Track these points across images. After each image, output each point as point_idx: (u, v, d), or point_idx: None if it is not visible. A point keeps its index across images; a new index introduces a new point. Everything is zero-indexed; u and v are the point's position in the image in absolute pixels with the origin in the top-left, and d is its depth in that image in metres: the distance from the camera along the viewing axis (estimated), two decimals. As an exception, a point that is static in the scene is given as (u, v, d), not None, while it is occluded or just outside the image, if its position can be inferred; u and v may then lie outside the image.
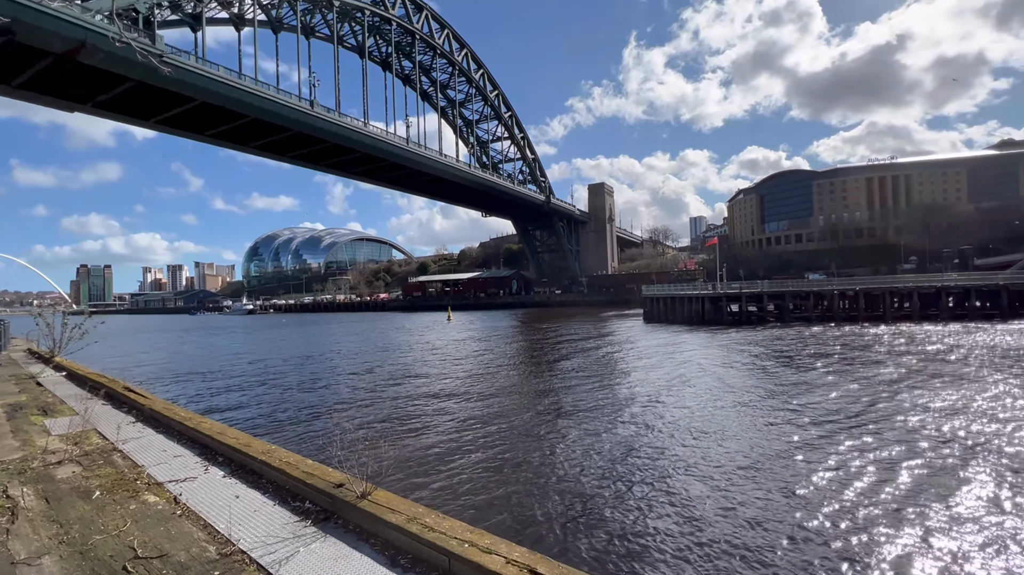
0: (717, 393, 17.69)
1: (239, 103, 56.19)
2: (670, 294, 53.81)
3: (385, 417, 15.39)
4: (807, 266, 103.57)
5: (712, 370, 22.29)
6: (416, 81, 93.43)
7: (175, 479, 5.19)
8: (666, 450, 11.45)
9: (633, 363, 25.64)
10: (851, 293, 46.09)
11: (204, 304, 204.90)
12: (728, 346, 30.59)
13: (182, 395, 20.26)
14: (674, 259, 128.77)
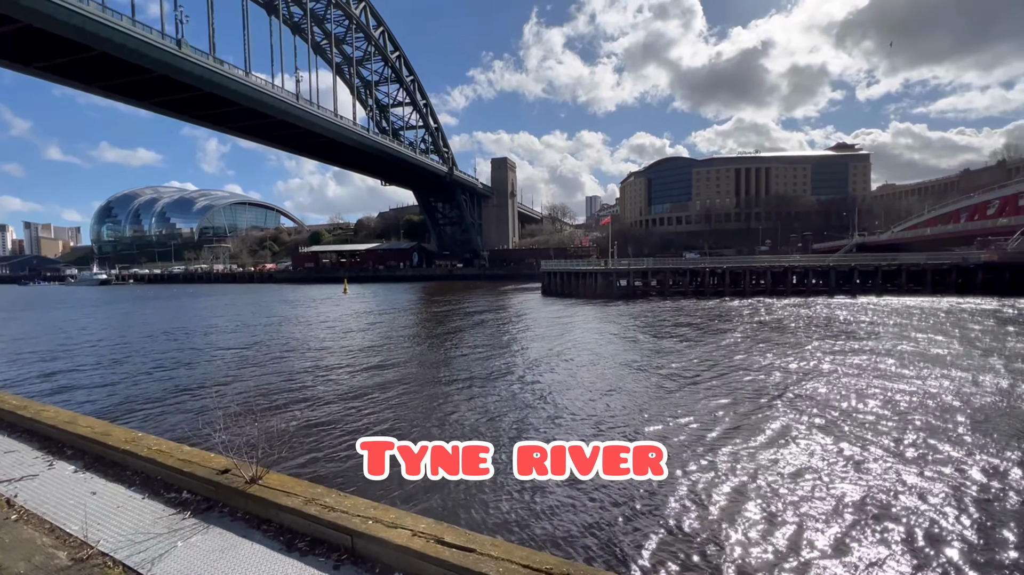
0: (595, 354, 19.13)
1: (79, 31, 46.64)
2: (567, 269, 56.39)
3: (274, 394, 14.39)
4: (686, 246, 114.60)
5: (596, 336, 23.97)
6: (307, 31, 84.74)
7: (7, 479, 4.41)
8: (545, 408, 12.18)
9: (527, 333, 26.68)
10: (719, 271, 51.94)
11: (40, 273, 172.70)
12: (615, 317, 33.03)
13: (15, 384, 17.06)
14: (571, 236, 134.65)
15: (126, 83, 58.17)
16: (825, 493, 7.59)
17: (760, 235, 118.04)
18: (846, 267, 50.85)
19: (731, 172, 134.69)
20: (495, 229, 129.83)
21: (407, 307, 47.11)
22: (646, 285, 51.71)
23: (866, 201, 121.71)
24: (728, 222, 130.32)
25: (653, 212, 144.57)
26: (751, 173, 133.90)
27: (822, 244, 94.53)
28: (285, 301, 56.09)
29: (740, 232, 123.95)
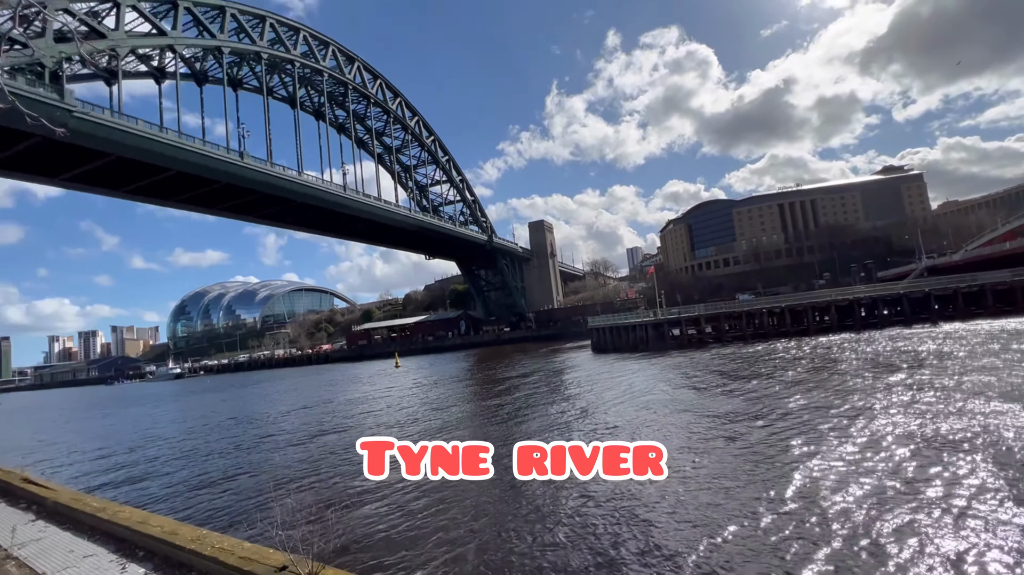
0: (654, 407, 18.11)
1: (161, 156, 53.62)
2: (615, 324, 55.32)
3: (330, 483, 14.42)
4: (737, 288, 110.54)
5: (654, 391, 22.86)
6: (351, 129, 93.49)
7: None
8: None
9: (581, 393, 25.85)
10: (777, 310, 49.40)
11: (123, 372, 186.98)
12: (671, 369, 31.61)
13: (95, 481, 18.07)
14: (616, 289, 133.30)
15: (198, 195, 65.28)
16: None
17: (816, 269, 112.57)
18: (920, 293, 47.14)
19: (774, 208, 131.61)
20: (538, 290, 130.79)
21: (458, 376, 47.20)
22: (700, 333, 49.74)
23: (928, 221, 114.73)
24: (778, 259, 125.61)
25: (697, 257, 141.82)
26: (796, 207, 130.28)
27: (887, 272, 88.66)
28: (340, 380, 57.63)
29: (792, 268, 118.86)
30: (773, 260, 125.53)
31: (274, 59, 74.32)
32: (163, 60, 64.08)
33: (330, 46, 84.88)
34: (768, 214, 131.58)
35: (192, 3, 60.86)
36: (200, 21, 62.50)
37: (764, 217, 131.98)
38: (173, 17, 59.09)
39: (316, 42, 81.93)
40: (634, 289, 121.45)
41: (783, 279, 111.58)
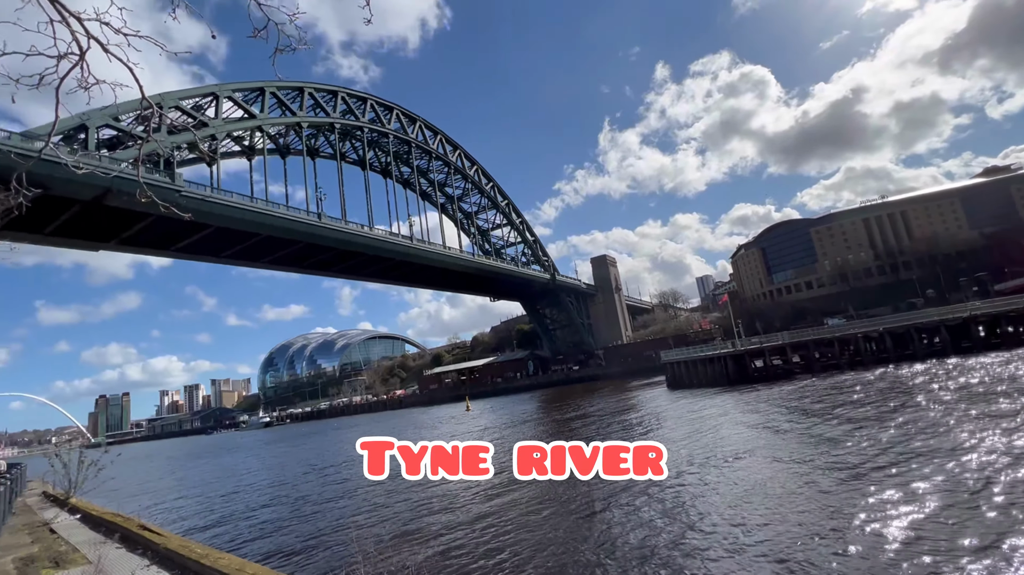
0: (753, 455, 16.54)
1: (252, 224, 59.58)
2: (690, 357, 52.51)
3: (405, 526, 14.41)
4: (823, 312, 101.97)
5: (744, 430, 21.05)
6: (415, 183, 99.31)
7: (191, 631, 4.75)
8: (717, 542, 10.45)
9: (662, 434, 24.36)
10: (875, 334, 44.75)
11: (221, 422, 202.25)
12: (759, 404, 29.20)
13: (198, 525, 19.28)
14: (688, 321, 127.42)
15: (282, 255, 71.30)
16: None
17: (917, 286, 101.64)
18: (1052, 306, 40.89)
19: (858, 224, 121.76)
20: (606, 326, 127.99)
21: (529, 418, 46.47)
22: (787, 363, 45.99)
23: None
24: (869, 278, 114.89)
25: (775, 281, 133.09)
26: (884, 220, 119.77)
27: (1006, 284, 78.25)
28: (413, 425, 58.62)
29: (887, 287, 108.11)
30: (863, 280, 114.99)
31: (346, 127, 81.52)
32: (253, 139, 72.25)
33: (394, 110, 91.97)
34: (852, 231, 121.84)
35: (276, 87, 68.76)
36: (282, 102, 70.26)
37: (848, 234, 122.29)
38: (260, 101, 66.99)
39: (381, 108, 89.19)
40: (708, 319, 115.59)
41: (877, 299, 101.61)
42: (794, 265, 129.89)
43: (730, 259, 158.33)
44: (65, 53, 3.21)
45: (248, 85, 66.42)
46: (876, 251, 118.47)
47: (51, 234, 49.57)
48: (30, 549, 9.26)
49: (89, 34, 2.98)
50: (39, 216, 45.19)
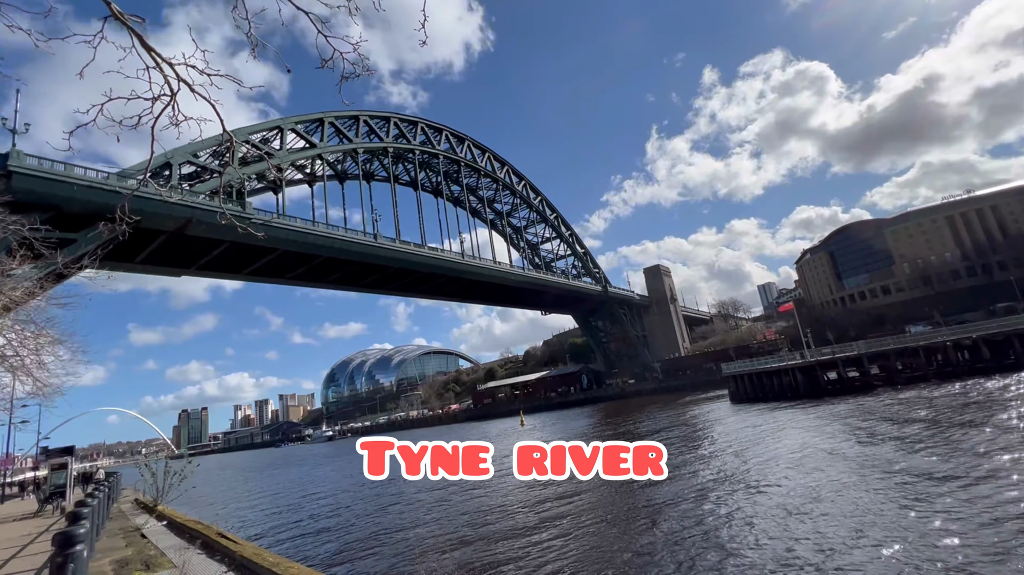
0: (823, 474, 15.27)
1: (314, 246, 63.00)
2: (754, 369, 49.79)
3: (464, 539, 14.38)
4: (904, 318, 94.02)
5: (821, 451, 19.52)
6: (465, 201, 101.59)
7: (267, 638, 4.92)
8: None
9: (730, 455, 23.08)
10: (968, 342, 40.62)
11: (288, 435, 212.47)
12: (836, 421, 27.09)
13: (269, 532, 20.19)
14: (750, 331, 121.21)
15: (341, 275, 74.71)
16: None
17: (1016, 288, 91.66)
18: None
19: (940, 222, 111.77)
20: (662, 338, 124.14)
21: (584, 433, 45.58)
22: (864, 375, 42.59)
23: None
24: (956, 280, 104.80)
25: (847, 287, 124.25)
26: (971, 217, 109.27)
27: None
28: (472, 439, 58.96)
29: (977, 289, 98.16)
30: (949, 282, 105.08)
31: (398, 151, 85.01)
32: (314, 167, 76.78)
33: (443, 131, 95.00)
34: (934, 230, 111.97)
35: (334, 117, 72.96)
36: (340, 130, 74.35)
37: (929, 234, 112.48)
38: (320, 131, 71.26)
39: (431, 130, 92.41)
40: (773, 329, 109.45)
41: (966, 304, 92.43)
42: (868, 269, 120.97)
43: (794, 265, 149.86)
44: (159, 95, 3.54)
45: (309, 117, 70.87)
46: (963, 250, 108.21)
47: (141, 262, 54.57)
48: (124, 552, 10.03)
49: (179, 77, 3.26)
50: (131, 246, 49.92)
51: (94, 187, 40.94)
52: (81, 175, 41.32)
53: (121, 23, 3.08)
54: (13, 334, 12.57)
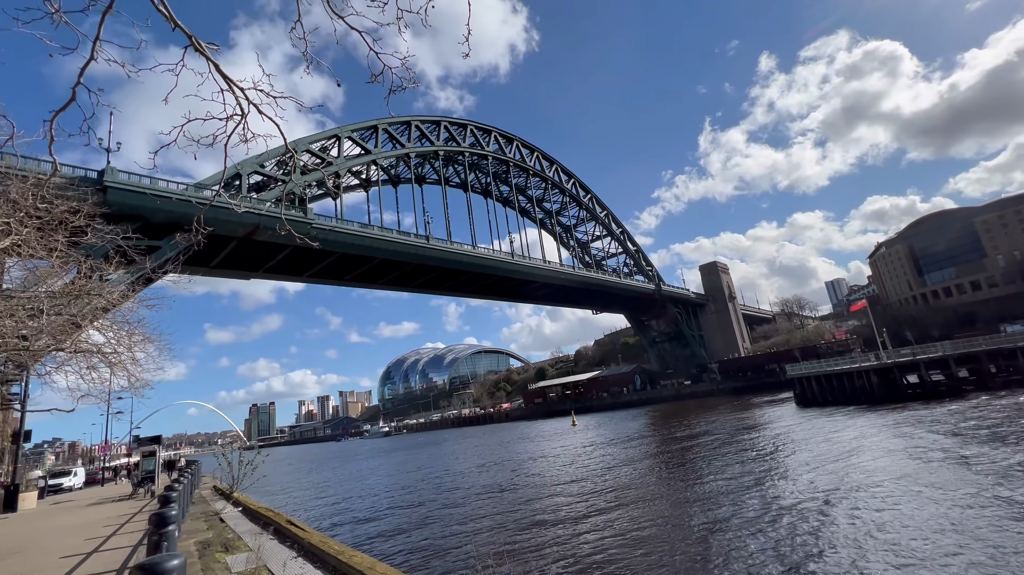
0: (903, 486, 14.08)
1: (369, 249, 65.52)
2: (824, 371, 46.84)
3: (528, 542, 14.47)
4: (998, 317, 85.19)
5: (903, 461, 18.07)
6: (514, 201, 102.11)
7: (332, 622, 5.20)
8: None
9: (794, 459, 21.85)
10: (1077, 343, 36.25)
11: (347, 430, 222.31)
12: (916, 427, 24.98)
13: (332, 521, 21.22)
14: (817, 330, 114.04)
15: (395, 277, 77.19)
16: None
17: None
18: None
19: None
20: (720, 338, 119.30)
21: (637, 435, 44.61)
22: (951, 378, 39.02)
23: None
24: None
25: (929, 283, 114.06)
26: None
27: None
28: (521, 439, 59.26)
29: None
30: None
31: (448, 154, 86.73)
32: (369, 172, 79.79)
33: (491, 132, 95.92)
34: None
35: (387, 124, 75.52)
36: (393, 136, 76.85)
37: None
38: (374, 138, 73.98)
39: (480, 132, 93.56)
40: (843, 329, 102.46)
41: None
42: (954, 263, 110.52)
43: (867, 259, 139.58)
44: (231, 115, 3.85)
45: (363, 125, 73.75)
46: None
47: (215, 267, 58.89)
48: (206, 534, 10.90)
49: (249, 100, 3.54)
50: (206, 252, 53.95)
51: (175, 199, 44.63)
52: (164, 188, 45.17)
53: (200, 52, 3.38)
54: (111, 332, 13.96)
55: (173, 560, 2.84)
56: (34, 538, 13.54)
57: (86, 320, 13.23)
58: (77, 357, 13.10)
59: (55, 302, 12.20)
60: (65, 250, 13.34)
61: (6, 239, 12.02)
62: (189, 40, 3.29)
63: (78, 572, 8.60)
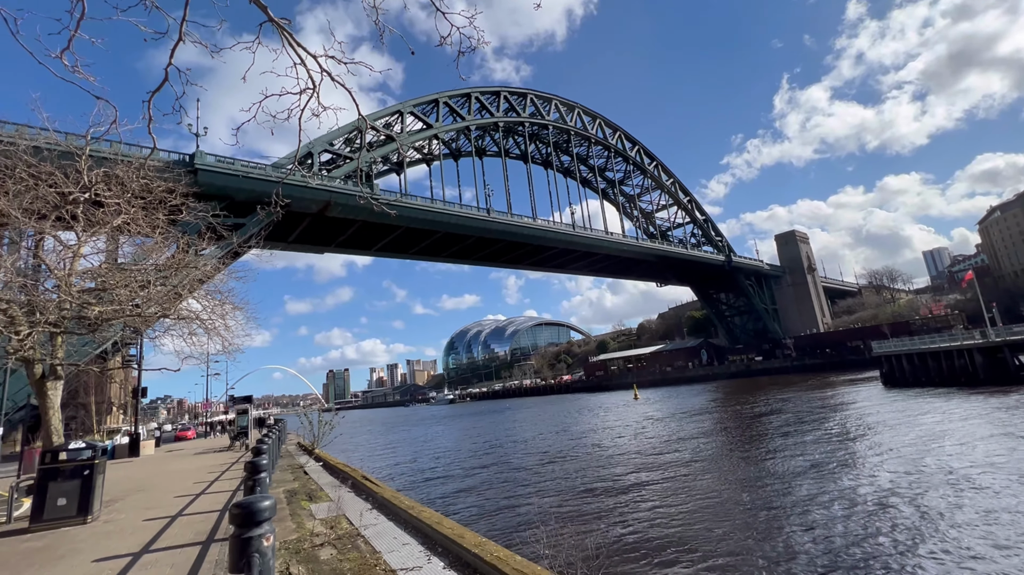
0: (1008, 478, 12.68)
1: (433, 223, 67.07)
2: (916, 349, 42.90)
3: (588, 509, 14.70)
4: None
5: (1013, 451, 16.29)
6: (575, 171, 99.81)
7: (405, 567, 5.58)
8: None
9: (881, 443, 20.37)
10: None
11: (415, 397, 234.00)
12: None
13: (402, 478, 22.63)
14: (911, 305, 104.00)
15: (457, 250, 78.69)
16: None
17: None
18: None
19: None
20: (796, 312, 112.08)
21: (703, 410, 43.40)
22: (1075, 359, 34.37)
23: None
24: None
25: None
26: None
27: None
28: (584, 409, 59.57)
29: None
30: None
31: (508, 124, 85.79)
32: (430, 147, 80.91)
33: (552, 100, 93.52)
34: None
35: (448, 97, 75.74)
36: (453, 109, 77.05)
37: None
38: (435, 112, 74.55)
39: (540, 100, 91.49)
40: (943, 303, 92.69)
41: None
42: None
43: (976, 226, 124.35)
44: (304, 89, 3.99)
45: (424, 99, 74.42)
46: None
47: (292, 242, 62.88)
48: (292, 485, 12.00)
49: (323, 68, 3.64)
50: (284, 228, 57.64)
51: (256, 177, 47.77)
52: (245, 168, 48.42)
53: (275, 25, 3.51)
54: (206, 301, 15.42)
55: (265, 501, 3.16)
56: (154, 479, 15.57)
57: (186, 290, 14.67)
58: (180, 323, 14.62)
59: (160, 274, 13.60)
60: (166, 227, 14.75)
61: (119, 218, 13.46)
62: (264, 13, 3.42)
63: (190, 508, 9.81)
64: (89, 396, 44.44)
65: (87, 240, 13.23)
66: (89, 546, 7.43)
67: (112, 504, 11.06)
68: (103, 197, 13.11)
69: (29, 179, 12.52)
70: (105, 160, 15.93)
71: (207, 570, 5.80)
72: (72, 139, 18.29)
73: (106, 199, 13.10)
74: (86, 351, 28.30)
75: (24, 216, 11.98)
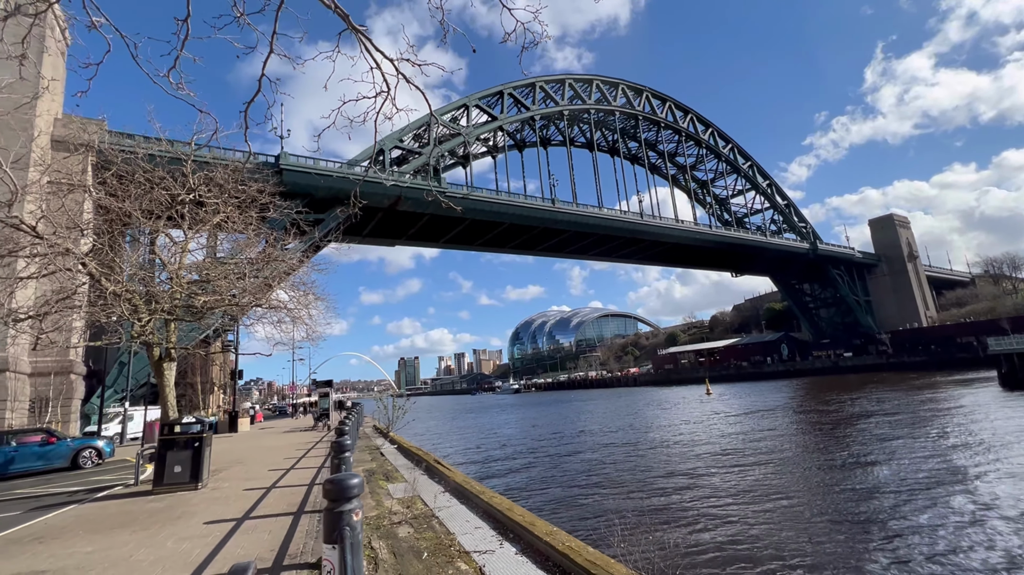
0: None
1: (498, 215, 67.80)
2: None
3: (664, 506, 14.35)
4: None
5: None
6: (644, 157, 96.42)
7: (478, 550, 5.77)
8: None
9: (1008, 459, 18.10)
10: None
11: (481, 385, 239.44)
12: None
13: (470, 465, 23.31)
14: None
15: (521, 241, 78.97)
16: None
17: None
18: None
19: None
20: (894, 304, 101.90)
21: (786, 409, 40.73)
22: None
23: None
24: None
25: None
26: None
27: None
28: (653, 403, 58.07)
29: None
30: None
31: (573, 113, 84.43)
32: (495, 139, 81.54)
33: (619, 85, 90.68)
34: None
35: (512, 88, 75.82)
36: (518, 100, 77.03)
37: None
38: (500, 103, 74.93)
39: (607, 86, 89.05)
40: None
41: None
42: None
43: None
44: (379, 92, 4.16)
45: (489, 91, 74.98)
46: None
47: (366, 235, 66.18)
48: (370, 465, 12.75)
49: (397, 70, 3.78)
50: (359, 223, 60.75)
51: (336, 176, 50.68)
52: (324, 167, 51.50)
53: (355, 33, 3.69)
54: (292, 292, 16.68)
55: (355, 479, 3.39)
56: (249, 454, 17.18)
57: (275, 282, 15.94)
58: (270, 312, 15.95)
59: (253, 267, 14.89)
60: (257, 224, 16.07)
61: (217, 216, 14.84)
62: (346, 22, 3.61)
63: (282, 481, 10.74)
64: (195, 376, 49.77)
65: (193, 237, 14.75)
66: (201, 510, 8.37)
67: (217, 473, 12.36)
68: (204, 198, 14.53)
69: (146, 183, 14.15)
70: (206, 164, 17.63)
71: (299, 539, 6.33)
72: (179, 146, 20.37)
73: (207, 199, 14.51)
74: (192, 336, 31.63)
75: (143, 216, 13.57)
